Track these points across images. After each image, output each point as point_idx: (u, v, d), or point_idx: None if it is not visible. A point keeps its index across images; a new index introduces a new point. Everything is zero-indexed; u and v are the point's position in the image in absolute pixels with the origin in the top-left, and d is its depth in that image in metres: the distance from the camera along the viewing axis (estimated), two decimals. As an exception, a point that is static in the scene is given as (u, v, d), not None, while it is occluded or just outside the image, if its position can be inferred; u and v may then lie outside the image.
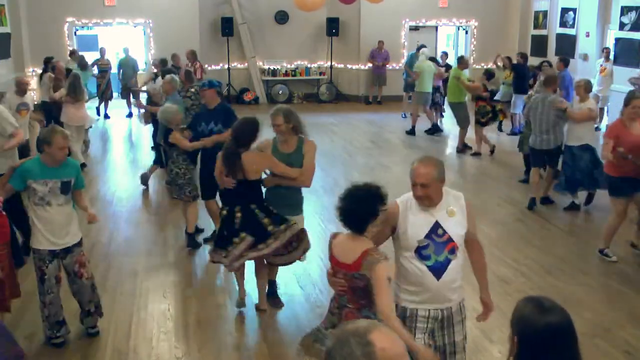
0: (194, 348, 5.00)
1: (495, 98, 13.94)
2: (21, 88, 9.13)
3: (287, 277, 6.05)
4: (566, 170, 8.16)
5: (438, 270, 3.44)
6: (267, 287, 5.69)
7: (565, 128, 8.20)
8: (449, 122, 13.87)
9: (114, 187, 9.75)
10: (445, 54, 15.69)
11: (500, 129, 13.57)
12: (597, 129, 12.37)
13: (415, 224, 3.45)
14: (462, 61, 11.94)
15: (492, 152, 11.58)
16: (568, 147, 8.11)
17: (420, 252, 3.44)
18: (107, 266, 6.60)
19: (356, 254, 3.39)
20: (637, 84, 10.37)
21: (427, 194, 3.39)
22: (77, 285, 4.99)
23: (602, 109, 13.26)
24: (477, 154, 11.54)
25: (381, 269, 3.31)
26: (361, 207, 3.40)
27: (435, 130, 13.62)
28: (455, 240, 3.46)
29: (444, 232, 3.43)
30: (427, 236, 3.42)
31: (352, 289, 3.47)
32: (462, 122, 11.90)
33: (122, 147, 13.11)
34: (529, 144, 8.58)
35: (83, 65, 13.76)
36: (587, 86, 8.25)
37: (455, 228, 3.47)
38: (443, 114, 14.03)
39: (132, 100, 14.84)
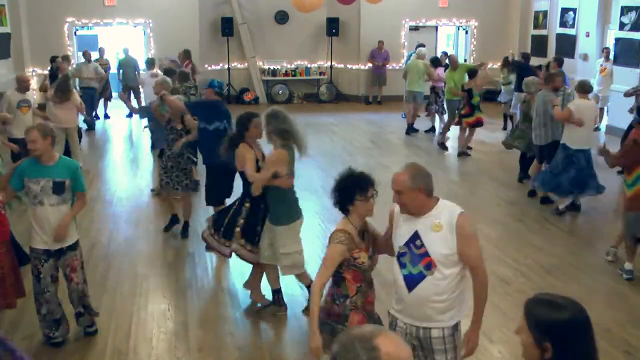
0: (194, 348, 5.00)
1: (498, 99, 14.00)
2: (22, 85, 9.13)
3: (287, 277, 6.03)
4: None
5: (410, 282, 3.30)
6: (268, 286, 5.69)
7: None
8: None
9: (114, 187, 9.75)
10: (445, 54, 15.67)
11: (505, 127, 13.62)
12: (597, 129, 12.38)
13: (400, 229, 3.39)
14: (451, 60, 12.43)
15: (460, 154, 11.67)
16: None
17: (399, 259, 3.37)
18: (107, 266, 6.60)
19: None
20: (634, 94, 10.26)
21: (401, 201, 3.30)
22: (68, 290, 5.00)
23: (602, 109, 13.26)
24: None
25: (330, 249, 3.51)
26: (339, 189, 3.58)
27: (410, 129, 13.63)
28: (432, 257, 3.23)
29: (422, 244, 3.26)
30: (406, 244, 3.32)
31: None
32: (451, 115, 12.19)
33: (122, 147, 13.11)
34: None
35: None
36: (581, 87, 8.17)
37: (437, 244, 3.24)
38: (443, 114, 14.04)
39: (131, 97, 14.81)
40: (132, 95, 15.11)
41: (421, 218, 3.30)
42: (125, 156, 12.13)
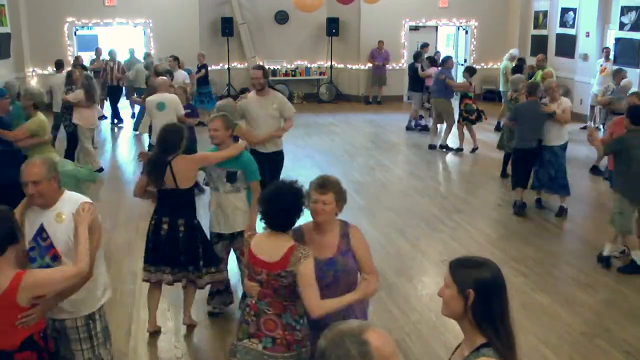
0: (194, 348, 5.00)
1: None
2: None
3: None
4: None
5: None
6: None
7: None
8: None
9: (115, 187, 9.75)
10: (438, 53, 15.89)
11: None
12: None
13: (28, 224, 3.47)
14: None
15: (473, 149, 11.73)
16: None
17: (29, 254, 3.46)
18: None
19: (281, 252, 3.33)
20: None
21: (40, 192, 3.36)
22: None
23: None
24: (460, 150, 11.72)
25: (308, 266, 3.29)
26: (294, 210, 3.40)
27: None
28: (57, 248, 3.43)
29: (47, 236, 3.42)
30: (34, 238, 3.43)
31: (275, 290, 3.36)
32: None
33: (124, 147, 13.11)
34: None
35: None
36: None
37: (61, 235, 3.43)
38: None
39: (134, 97, 14.79)
40: (135, 94, 15.06)
41: (46, 211, 3.43)
42: (127, 156, 12.13)
